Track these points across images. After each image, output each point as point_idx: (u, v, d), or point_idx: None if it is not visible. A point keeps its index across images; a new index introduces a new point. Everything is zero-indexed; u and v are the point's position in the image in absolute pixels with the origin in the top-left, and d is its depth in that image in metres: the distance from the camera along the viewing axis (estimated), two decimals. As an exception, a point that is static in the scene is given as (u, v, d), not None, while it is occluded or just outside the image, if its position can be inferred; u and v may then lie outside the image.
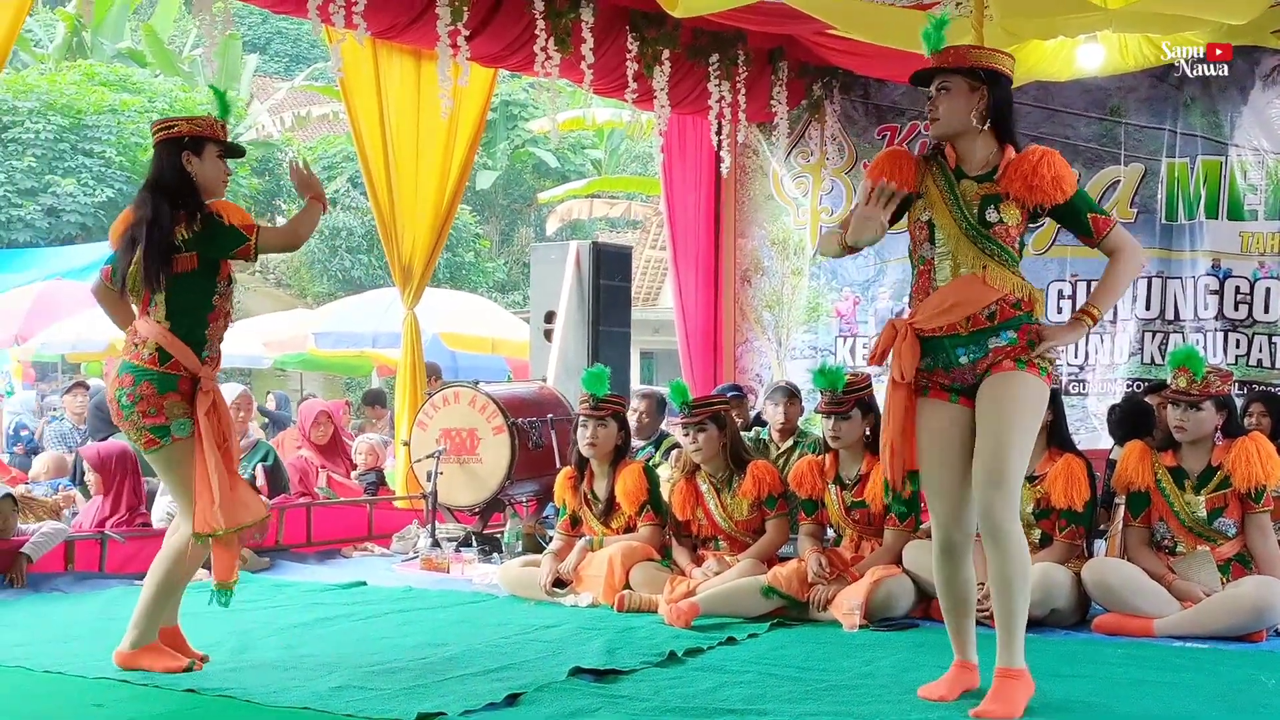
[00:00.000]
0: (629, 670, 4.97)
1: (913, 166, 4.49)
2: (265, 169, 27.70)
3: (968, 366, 4.37)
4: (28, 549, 6.98)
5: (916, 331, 4.41)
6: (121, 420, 4.99)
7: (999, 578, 4.35)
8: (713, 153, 11.03)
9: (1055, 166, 4.37)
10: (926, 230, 4.44)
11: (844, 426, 6.45)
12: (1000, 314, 4.34)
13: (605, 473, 7.01)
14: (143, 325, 4.99)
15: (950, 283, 4.37)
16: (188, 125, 5.11)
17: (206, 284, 5.03)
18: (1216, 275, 9.75)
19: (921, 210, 4.47)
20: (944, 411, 4.44)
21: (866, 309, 11.27)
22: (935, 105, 4.46)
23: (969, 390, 4.39)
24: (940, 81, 4.46)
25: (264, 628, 5.94)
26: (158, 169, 5.10)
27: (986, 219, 4.36)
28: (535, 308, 10.88)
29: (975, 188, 4.40)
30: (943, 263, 4.40)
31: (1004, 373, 4.33)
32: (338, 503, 9.22)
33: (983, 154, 4.45)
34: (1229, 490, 5.85)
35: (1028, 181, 4.35)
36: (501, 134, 30.14)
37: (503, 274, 30.44)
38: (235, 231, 4.98)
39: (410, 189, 9.72)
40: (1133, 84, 10.03)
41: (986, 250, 4.35)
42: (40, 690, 4.73)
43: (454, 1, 8.28)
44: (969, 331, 4.35)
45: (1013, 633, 4.34)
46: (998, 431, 4.30)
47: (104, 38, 27.51)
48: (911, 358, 4.40)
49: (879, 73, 10.68)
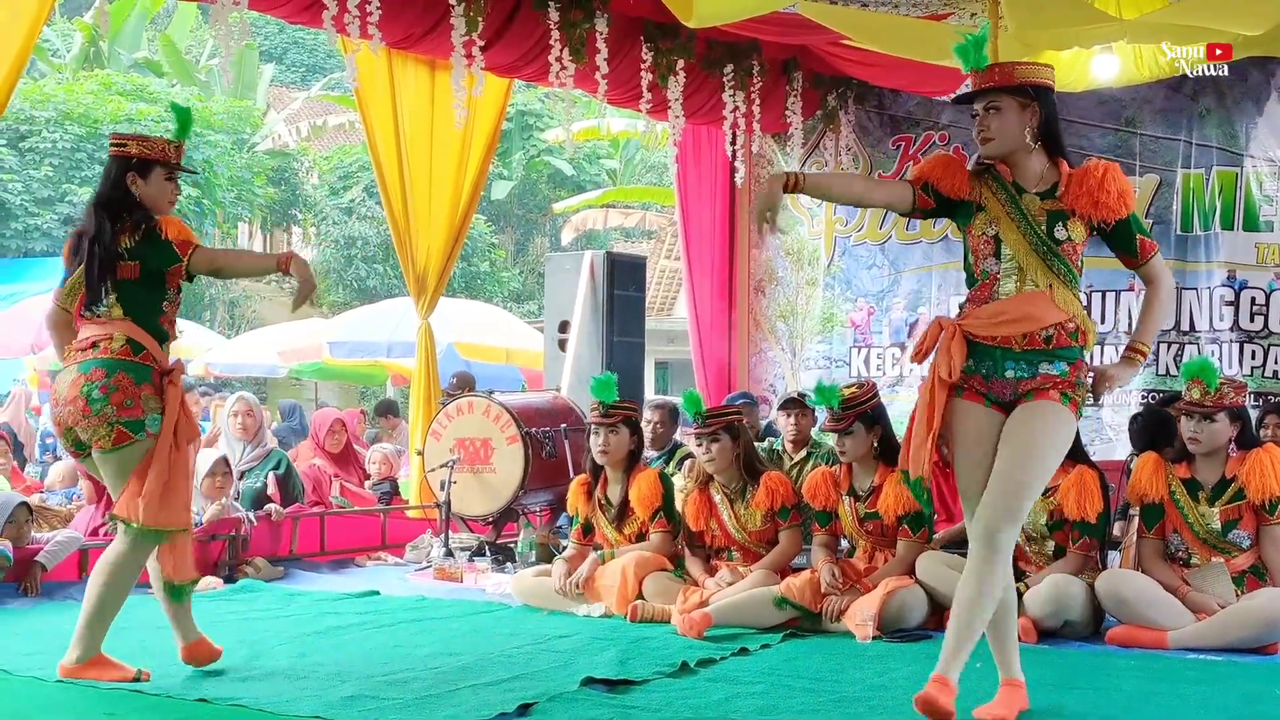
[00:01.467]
0: (641, 681, 4.96)
1: (966, 175, 4.45)
2: (281, 178, 27.76)
3: (1010, 382, 4.31)
4: (42, 558, 7.00)
5: (966, 334, 4.36)
6: (88, 418, 4.88)
7: (975, 592, 4.24)
8: (727, 163, 11.03)
9: (1120, 181, 4.35)
10: (993, 245, 4.37)
11: (847, 442, 6.44)
12: (1057, 340, 4.28)
13: (619, 479, 7.01)
14: (95, 327, 5.00)
15: (1014, 295, 4.32)
16: (138, 147, 5.16)
17: (155, 292, 5.08)
18: (1232, 286, 9.73)
19: (986, 224, 4.39)
20: (979, 414, 4.36)
21: (880, 319, 11.25)
22: (986, 125, 4.38)
23: (1004, 403, 4.34)
24: (989, 100, 4.38)
25: (276, 636, 5.95)
26: (104, 184, 5.17)
27: (1055, 236, 4.31)
28: (550, 317, 10.89)
29: (1039, 203, 4.35)
30: (1008, 278, 4.34)
31: (1046, 401, 4.27)
32: (351, 512, 9.23)
33: (1037, 169, 4.40)
34: (1243, 502, 5.83)
35: (1094, 197, 4.31)
36: (517, 144, 30.17)
37: (517, 284, 30.44)
38: (171, 249, 5.02)
39: (425, 199, 9.74)
40: (1148, 95, 10.01)
41: (1054, 268, 4.30)
42: (53, 700, 4.73)
43: (469, 12, 8.29)
44: (1022, 349, 4.29)
45: (961, 646, 4.24)
46: (1023, 460, 4.24)
47: (121, 47, 27.59)
48: (960, 358, 4.34)
49: (894, 83, 10.68)
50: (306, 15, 8.24)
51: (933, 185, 4.46)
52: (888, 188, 4.48)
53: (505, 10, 8.68)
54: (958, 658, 4.24)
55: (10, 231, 21.50)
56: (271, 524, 8.25)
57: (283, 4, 8.15)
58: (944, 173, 4.45)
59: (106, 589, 5.00)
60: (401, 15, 8.21)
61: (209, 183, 23.35)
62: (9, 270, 19.51)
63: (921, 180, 4.48)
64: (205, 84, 27.90)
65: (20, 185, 21.51)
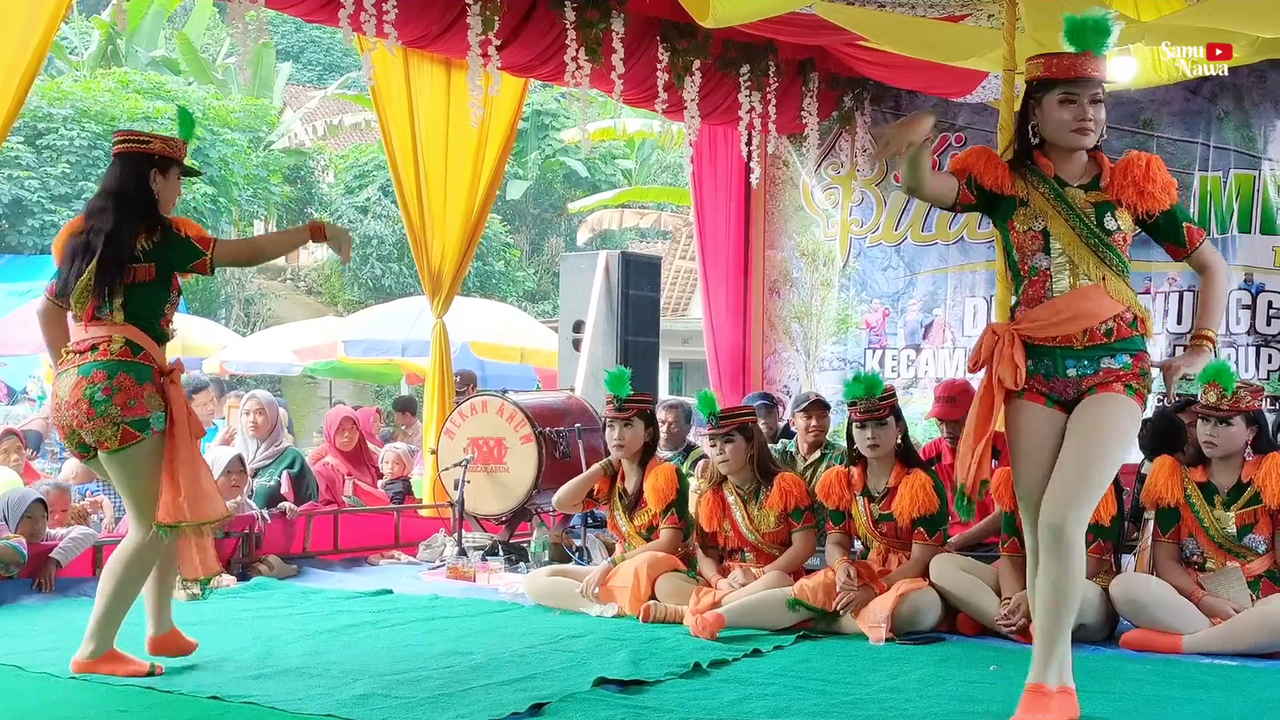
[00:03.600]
0: (654, 681, 4.96)
1: (1006, 169, 4.39)
2: (297, 177, 27.82)
3: (1073, 380, 4.27)
4: (57, 554, 7.02)
5: (1024, 338, 4.31)
6: (92, 419, 4.90)
7: (1052, 589, 4.19)
8: (743, 163, 11.02)
9: (1164, 171, 4.31)
10: (1041, 240, 4.31)
11: (882, 433, 6.39)
12: (1117, 332, 4.25)
13: (635, 470, 7.04)
14: (96, 330, 5.00)
15: (1068, 293, 4.27)
16: (162, 145, 5.17)
17: (160, 294, 5.09)
18: (1249, 290, 9.68)
19: (1032, 219, 4.33)
20: (1040, 414, 4.31)
21: (896, 321, 11.24)
22: (1092, 117, 4.30)
23: (1066, 403, 4.30)
24: (1096, 92, 4.30)
25: (289, 635, 5.96)
26: (121, 181, 5.11)
27: (1106, 226, 4.26)
28: (564, 317, 10.90)
29: (1083, 195, 4.30)
30: (1060, 273, 4.28)
31: (1111, 393, 4.23)
32: (365, 510, 9.23)
33: (1079, 161, 4.36)
34: (1259, 507, 5.80)
35: (1140, 187, 4.28)
36: (533, 144, 30.21)
37: (532, 283, 30.49)
38: (192, 245, 5.03)
39: (440, 198, 9.74)
40: (1165, 97, 9.97)
41: (1107, 260, 4.26)
42: (66, 696, 4.74)
43: (485, 11, 8.30)
44: (1084, 346, 4.25)
45: (1053, 648, 4.21)
46: (1089, 449, 4.18)
47: (139, 45, 27.69)
48: (1023, 365, 4.28)
49: (910, 84, 10.66)
50: (323, 14, 8.25)
51: (975, 179, 4.40)
52: (939, 179, 4.40)
53: (521, 9, 8.68)
54: (1052, 659, 4.20)
55: (27, 228, 21.58)
56: (285, 522, 8.25)
57: (299, 2, 8.16)
58: (986, 166, 4.39)
59: (120, 585, 5.03)
60: (418, 14, 8.22)
61: (225, 181, 23.41)
62: (25, 267, 19.60)
63: (965, 173, 4.41)
64: (222, 82, 27.99)
65: (37, 182, 21.60)
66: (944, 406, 7.28)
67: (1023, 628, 5.80)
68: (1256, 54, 8.56)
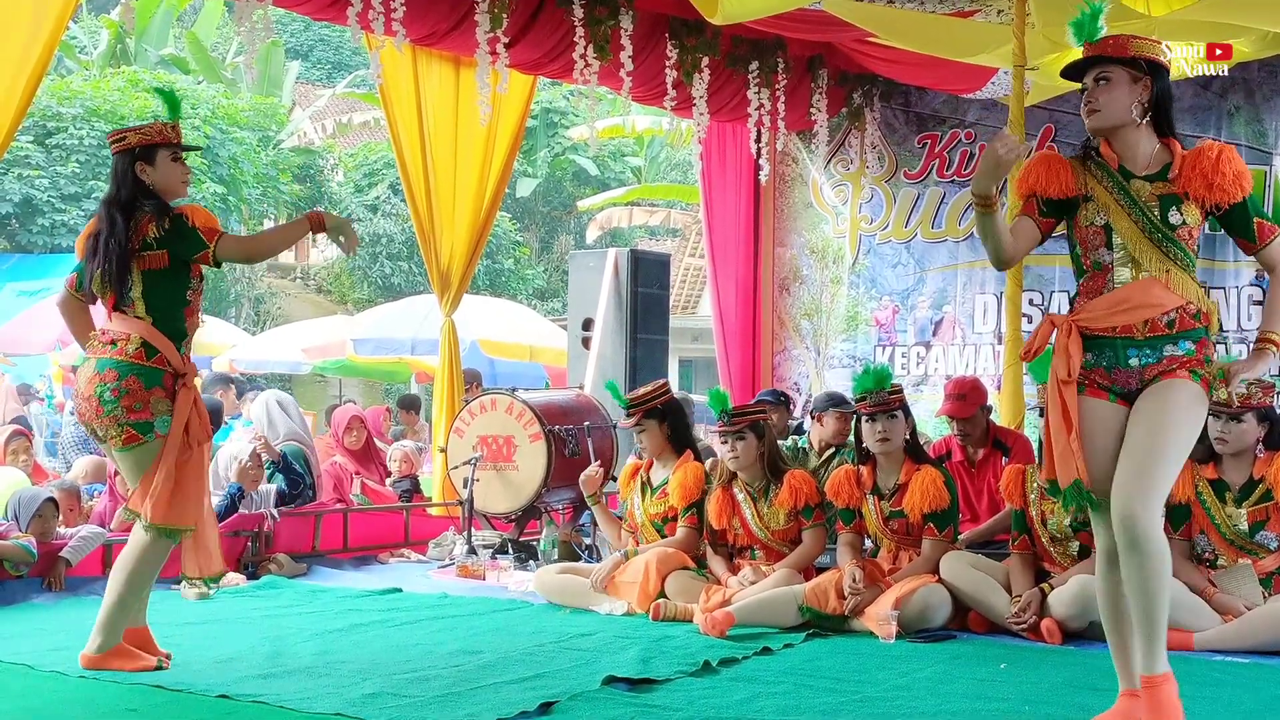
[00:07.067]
0: (663, 680, 4.94)
1: (1069, 171, 4.25)
2: (307, 175, 27.84)
3: (1135, 370, 4.13)
4: (66, 553, 7.02)
5: (1082, 329, 4.19)
6: (100, 417, 4.98)
7: (1139, 587, 4.00)
8: (752, 161, 11.01)
9: (1235, 163, 4.13)
10: (1103, 235, 4.18)
11: (891, 426, 6.35)
12: (1180, 323, 4.11)
13: (667, 463, 7.05)
14: (119, 323, 5.05)
15: (1129, 284, 4.13)
16: (136, 136, 5.20)
17: (180, 280, 5.11)
18: (1260, 286, 9.65)
19: (1094, 214, 4.20)
20: (1103, 410, 4.16)
21: (905, 318, 11.22)
22: (1094, 97, 4.18)
23: (1128, 395, 4.16)
24: (1099, 71, 4.18)
25: (298, 633, 5.95)
26: (114, 181, 5.20)
27: (1169, 221, 4.12)
28: (574, 315, 10.89)
29: (1148, 188, 4.16)
30: (1122, 268, 4.15)
31: (1176, 379, 4.10)
32: (374, 509, 9.23)
33: (1146, 151, 4.21)
34: (1271, 503, 5.79)
35: (1208, 179, 4.11)
36: (541, 141, 30.20)
37: (542, 281, 30.48)
38: (198, 236, 5.04)
39: (449, 196, 9.74)
40: (1176, 92, 9.72)
41: (1170, 254, 4.11)
42: (76, 695, 4.74)
43: (493, 9, 8.29)
44: (1145, 336, 4.11)
45: (1154, 640, 4.02)
46: (1156, 435, 4.04)
47: (147, 44, 27.71)
48: (1078, 356, 4.16)
49: (920, 81, 10.64)
50: (331, 12, 8.26)
51: (1041, 198, 4.28)
52: (1018, 234, 4.29)
53: (530, 7, 8.68)
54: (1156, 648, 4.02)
55: (37, 228, 21.61)
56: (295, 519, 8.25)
57: (307, 0, 8.15)
58: (1048, 178, 4.25)
59: (127, 581, 5.06)
60: (426, 12, 8.22)
61: (235, 179, 23.43)
62: (36, 266, 19.60)
63: (1031, 200, 4.29)
64: (231, 81, 28.00)
65: (47, 182, 21.61)
66: (954, 404, 7.26)
67: (1033, 626, 5.79)
68: (1267, 49, 8.53)
